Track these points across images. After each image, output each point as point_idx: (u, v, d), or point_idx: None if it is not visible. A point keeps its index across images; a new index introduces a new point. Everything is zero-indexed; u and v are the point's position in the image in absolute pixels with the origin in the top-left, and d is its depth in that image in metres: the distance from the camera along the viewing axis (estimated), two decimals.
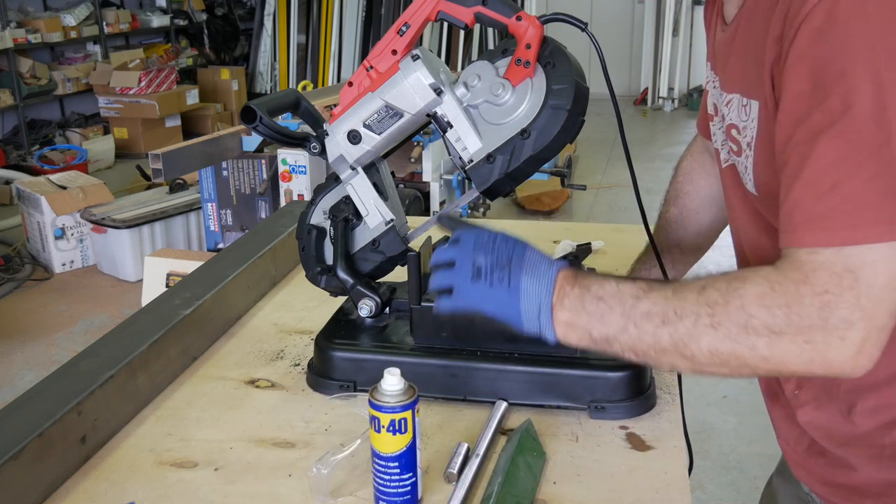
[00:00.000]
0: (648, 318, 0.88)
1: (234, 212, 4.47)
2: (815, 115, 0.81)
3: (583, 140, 6.79)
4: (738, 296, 0.84)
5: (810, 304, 0.80)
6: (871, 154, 0.79)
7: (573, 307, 0.92)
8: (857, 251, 0.79)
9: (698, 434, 3.03)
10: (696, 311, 0.86)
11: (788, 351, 0.82)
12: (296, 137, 1.24)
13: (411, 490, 0.98)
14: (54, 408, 1.08)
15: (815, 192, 0.81)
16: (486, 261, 0.95)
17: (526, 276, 0.94)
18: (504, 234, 0.98)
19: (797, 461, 1.11)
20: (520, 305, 0.94)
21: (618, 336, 0.90)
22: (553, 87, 1.10)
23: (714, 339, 0.85)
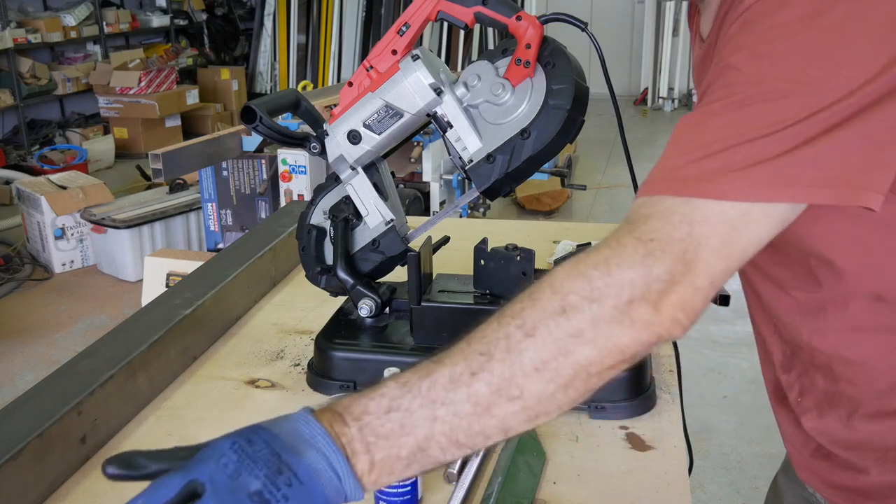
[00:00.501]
0: (455, 384, 0.72)
1: (234, 212, 4.47)
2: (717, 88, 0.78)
3: (583, 140, 6.80)
4: (547, 284, 0.74)
5: (632, 251, 0.72)
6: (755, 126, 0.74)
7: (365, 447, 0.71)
8: (702, 204, 0.72)
9: (698, 434, 3.03)
10: (505, 333, 0.72)
11: (611, 319, 0.71)
12: (296, 137, 1.24)
13: (411, 490, 0.98)
14: (54, 408, 1.08)
15: (684, 148, 0.77)
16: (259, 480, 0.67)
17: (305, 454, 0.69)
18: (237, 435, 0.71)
19: (803, 464, 1.11)
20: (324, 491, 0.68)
21: (430, 434, 0.71)
22: (553, 87, 1.10)
23: (535, 348, 0.71)
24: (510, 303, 0.75)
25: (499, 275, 1.23)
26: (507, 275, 1.22)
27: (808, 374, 1.02)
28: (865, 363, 0.95)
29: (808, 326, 0.99)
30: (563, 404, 0.74)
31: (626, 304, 0.71)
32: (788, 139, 0.73)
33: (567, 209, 5.79)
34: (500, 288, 1.24)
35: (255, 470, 0.68)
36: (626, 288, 0.71)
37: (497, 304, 1.23)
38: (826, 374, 0.99)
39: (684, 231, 0.72)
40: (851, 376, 0.96)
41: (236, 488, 0.67)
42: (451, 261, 1.42)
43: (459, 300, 1.25)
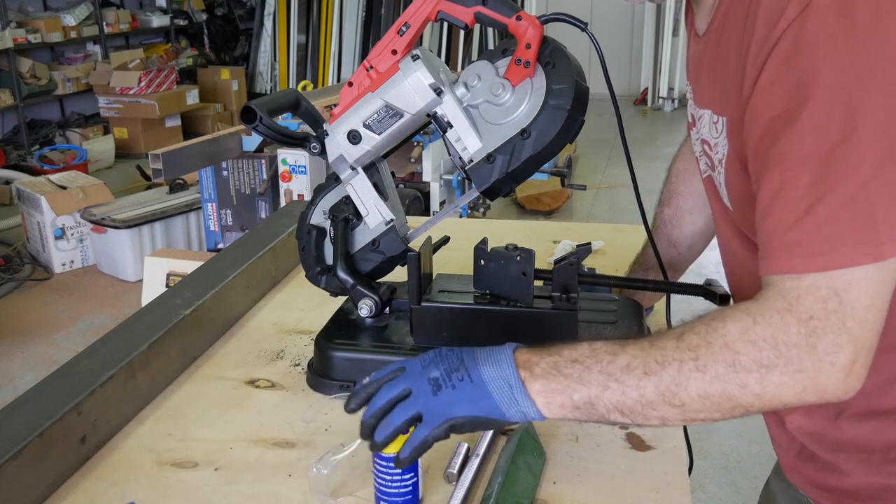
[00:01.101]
0: (629, 372, 0.86)
1: (234, 212, 4.47)
2: (784, 140, 0.80)
3: (583, 140, 6.79)
4: (720, 335, 0.83)
5: (797, 332, 0.79)
6: (843, 177, 0.78)
7: (546, 374, 0.89)
8: (840, 274, 0.78)
9: (698, 434, 3.03)
10: (679, 357, 0.84)
11: (780, 383, 0.80)
12: (296, 137, 1.24)
13: (412, 490, 0.98)
14: (54, 408, 1.08)
15: (790, 217, 0.80)
16: (438, 371, 0.91)
17: (483, 365, 0.90)
18: (445, 347, 0.94)
19: (790, 465, 1.11)
20: (491, 394, 0.89)
21: (600, 395, 0.86)
22: (553, 87, 1.10)
23: (702, 382, 0.82)
24: (690, 328, 0.85)
25: (499, 275, 1.23)
26: (507, 275, 1.22)
27: None
28: None
29: None
30: (718, 419, 0.85)
31: (795, 372, 0.80)
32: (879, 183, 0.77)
33: (567, 209, 5.79)
34: (500, 288, 1.24)
35: (439, 364, 0.92)
36: (795, 361, 0.80)
37: (497, 304, 1.23)
38: None
39: (835, 302, 0.79)
40: None
41: (422, 373, 0.92)
42: (451, 261, 1.42)
43: (459, 300, 1.25)
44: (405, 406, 0.91)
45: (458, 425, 0.90)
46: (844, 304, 0.78)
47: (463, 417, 0.89)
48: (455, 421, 0.89)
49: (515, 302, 1.22)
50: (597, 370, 0.87)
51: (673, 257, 1.41)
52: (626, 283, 1.31)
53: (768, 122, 0.82)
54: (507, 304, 1.22)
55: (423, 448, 0.91)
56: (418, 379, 0.91)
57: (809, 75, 0.79)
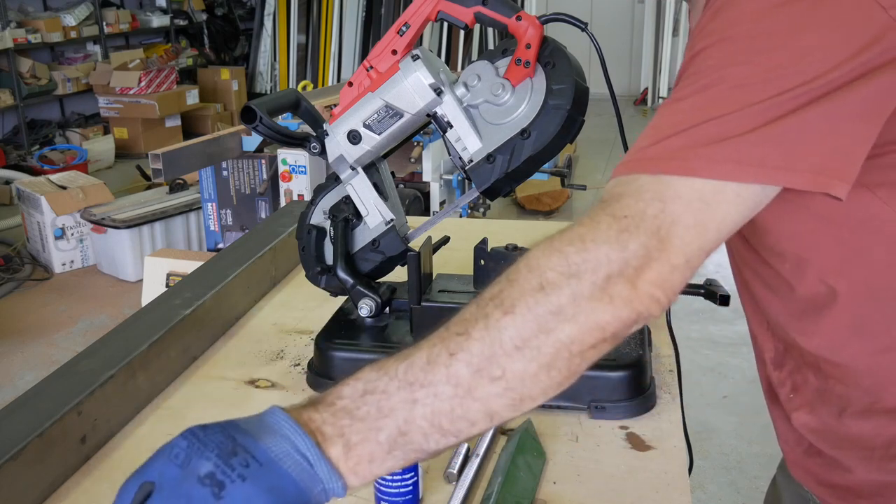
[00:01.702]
0: (433, 364, 0.70)
1: (234, 212, 4.47)
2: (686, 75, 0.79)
3: (583, 140, 6.79)
4: (524, 264, 0.72)
5: (607, 227, 0.71)
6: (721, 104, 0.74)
7: (338, 430, 0.68)
8: (674, 181, 0.72)
9: (698, 434, 3.03)
10: (484, 314, 0.71)
11: (591, 295, 0.69)
12: (296, 137, 1.24)
13: (412, 490, 0.98)
14: (54, 408, 1.08)
15: (654, 130, 0.77)
16: (210, 463, 0.64)
17: (263, 439, 0.66)
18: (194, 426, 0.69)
19: (796, 461, 1.11)
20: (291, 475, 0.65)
21: (411, 417, 0.69)
22: (553, 87, 1.10)
23: (514, 325, 0.69)
24: (487, 287, 0.74)
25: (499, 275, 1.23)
26: None
27: (800, 372, 1.03)
28: (849, 365, 0.95)
29: (793, 327, 0.99)
30: (547, 387, 0.72)
31: (604, 280, 0.70)
32: (753, 118, 0.73)
33: (567, 209, 5.79)
34: None
35: (206, 452, 0.65)
36: (603, 264, 0.70)
37: None
38: (816, 371, 1.00)
39: (657, 208, 0.72)
40: (839, 375, 0.97)
41: (186, 475, 0.64)
42: (451, 261, 1.42)
43: (459, 300, 1.25)
44: None
45: None
46: (666, 213, 0.71)
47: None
48: None
49: None
50: (394, 388, 0.70)
51: None
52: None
53: (681, 66, 0.82)
54: None
55: None
56: (183, 486, 0.64)
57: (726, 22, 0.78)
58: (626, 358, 1.18)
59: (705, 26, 0.80)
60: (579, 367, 0.72)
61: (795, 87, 0.73)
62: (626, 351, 1.20)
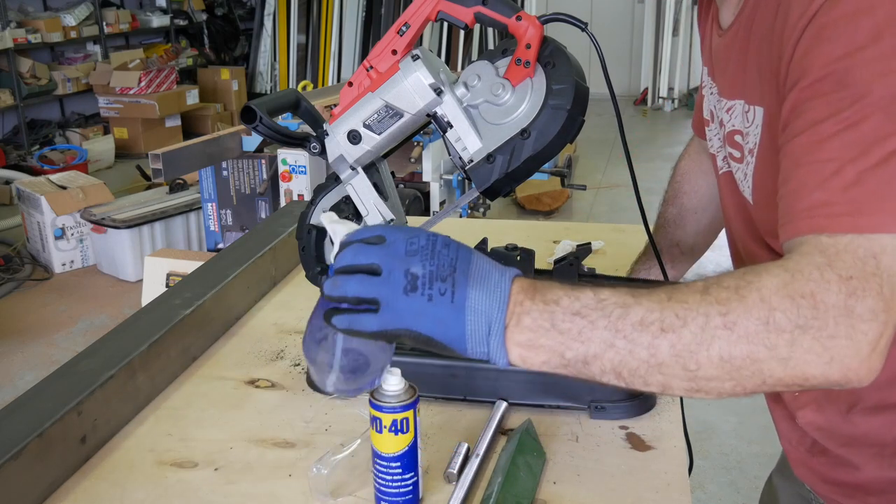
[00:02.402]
0: (644, 328, 0.75)
1: (234, 212, 4.47)
2: (819, 105, 0.79)
3: (583, 140, 6.80)
4: (755, 288, 0.74)
5: (837, 290, 0.72)
6: (875, 142, 0.75)
7: (536, 326, 0.77)
8: (875, 237, 0.74)
9: (698, 434, 3.03)
10: (706, 312, 0.74)
11: (810, 349, 0.72)
12: (296, 137, 1.24)
13: (412, 490, 0.98)
14: (54, 408, 1.08)
15: (818, 177, 0.77)
16: (423, 269, 0.77)
17: (473, 288, 0.77)
18: (443, 237, 0.81)
19: (799, 460, 1.11)
20: (465, 325, 0.77)
21: (600, 354, 0.76)
22: (553, 87, 1.10)
23: (728, 342, 0.73)
24: (716, 282, 0.77)
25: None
26: None
27: None
28: None
29: None
30: (724, 393, 0.77)
31: (827, 338, 0.72)
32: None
33: (567, 209, 5.79)
34: None
35: (429, 261, 0.77)
36: (832, 325, 0.72)
37: None
38: None
39: (872, 265, 0.73)
40: None
41: (403, 260, 0.77)
42: None
43: None
44: (366, 283, 0.78)
45: (411, 338, 0.78)
46: (881, 268, 0.73)
47: (421, 335, 0.77)
48: (411, 334, 0.77)
49: None
50: (602, 325, 0.76)
51: (675, 257, 1.41)
52: (626, 283, 1.31)
53: (798, 94, 0.81)
54: None
55: (361, 335, 0.80)
56: (395, 261, 0.78)
57: (843, 48, 0.78)
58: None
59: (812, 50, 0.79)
60: (761, 392, 0.78)
61: None
62: None
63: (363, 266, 0.79)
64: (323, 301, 0.84)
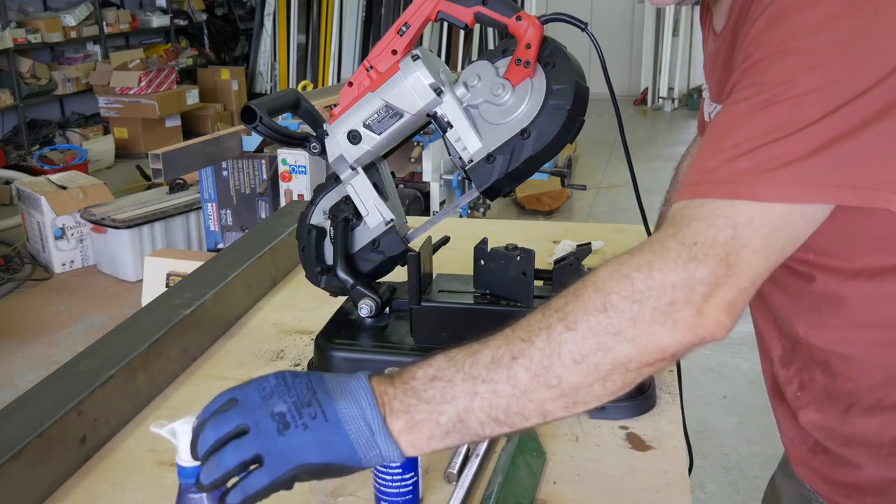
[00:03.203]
0: (496, 365, 0.75)
1: (234, 212, 4.47)
2: (746, 87, 0.79)
3: (583, 140, 6.80)
4: (591, 283, 0.75)
5: (675, 255, 0.73)
6: (780, 126, 0.75)
7: (406, 407, 0.76)
8: (744, 206, 0.74)
9: (698, 434, 3.03)
10: (547, 324, 0.75)
11: (653, 320, 0.72)
12: (296, 137, 1.24)
13: (412, 490, 0.98)
14: (54, 408, 1.08)
15: (716, 150, 0.77)
16: (285, 405, 0.76)
17: (340, 401, 0.76)
18: (288, 371, 0.80)
19: (800, 459, 1.11)
20: (348, 437, 0.75)
21: (470, 407, 0.75)
22: (553, 87, 1.10)
23: (575, 342, 0.74)
24: (556, 296, 0.78)
25: (499, 275, 1.23)
26: (507, 275, 1.22)
27: (808, 369, 1.03)
28: (860, 358, 0.95)
29: (803, 322, 0.99)
30: (601, 395, 0.76)
31: (667, 305, 0.72)
32: (814, 138, 0.74)
33: (567, 209, 5.79)
34: (500, 288, 1.24)
35: (286, 396, 0.77)
36: (668, 291, 0.73)
37: (497, 304, 1.23)
38: (824, 368, 1.00)
39: (728, 234, 0.73)
40: (848, 371, 0.97)
41: (263, 406, 0.76)
42: (451, 261, 1.42)
43: (459, 300, 1.25)
44: (240, 445, 0.76)
45: (306, 473, 0.76)
46: (736, 238, 0.73)
47: (313, 465, 0.75)
48: (303, 468, 0.75)
49: (515, 302, 1.22)
50: (459, 379, 0.76)
51: None
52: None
53: (736, 76, 0.82)
54: (507, 304, 1.22)
55: (258, 497, 0.76)
56: (257, 413, 0.76)
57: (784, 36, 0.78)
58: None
59: (760, 35, 0.80)
60: (635, 380, 0.76)
61: (852, 99, 0.73)
62: None
63: (230, 433, 0.77)
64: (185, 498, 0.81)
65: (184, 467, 0.80)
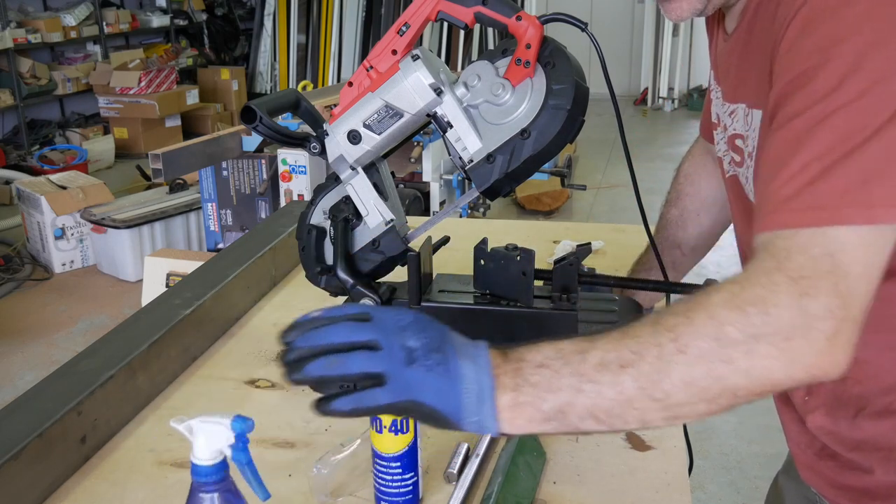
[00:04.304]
0: (604, 368, 0.76)
1: (234, 212, 4.47)
2: (795, 100, 0.79)
3: (583, 140, 6.80)
4: (703, 308, 0.75)
5: (787, 292, 0.72)
6: (843, 138, 0.75)
7: (514, 385, 0.78)
8: (836, 232, 0.73)
9: (698, 434, 3.03)
10: (657, 342, 0.75)
11: (768, 355, 0.73)
12: (296, 137, 1.24)
13: (413, 490, 0.98)
14: (54, 408, 1.08)
15: (787, 173, 0.77)
16: (418, 342, 0.79)
17: (463, 359, 0.79)
18: (422, 315, 0.82)
19: (807, 464, 1.11)
20: (461, 394, 0.78)
21: (573, 401, 0.76)
22: (553, 87, 1.10)
23: (685, 365, 0.74)
24: (667, 311, 0.78)
25: (499, 275, 1.23)
26: (507, 275, 1.22)
27: None
28: (871, 362, 0.95)
29: None
30: (704, 413, 0.77)
31: (783, 342, 0.72)
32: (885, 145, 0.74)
33: (567, 209, 5.79)
34: (500, 288, 1.24)
35: (420, 334, 0.79)
36: (785, 329, 0.72)
37: (497, 304, 1.23)
38: None
39: (828, 264, 0.73)
40: (858, 375, 0.96)
41: (397, 335, 0.78)
42: (451, 261, 1.42)
43: (459, 300, 1.25)
44: (369, 358, 0.78)
45: (416, 411, 0.78)
46: (838, 266, 0.73)
47: (424, 405, 0.77)
48: (416, 405, 0.77)
49: (515, 302, 1.22)
50: (566, 373, 0.77)
51: (676, 258, 1.41)
52: (626, 283, 1.31)
53: (780, 88, 0.81)
54: (507, 304, 1.22)
55: (369, 413, 0.79)
56: (391, 337, 0.79)
57: (823, 41, 0.78)
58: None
59: (797, 42, 0.79)
60: (740, 405, 0.77)
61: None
62: None
63: (360, 342, 0.79)
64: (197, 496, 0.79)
65: (198, 465, 0.79)
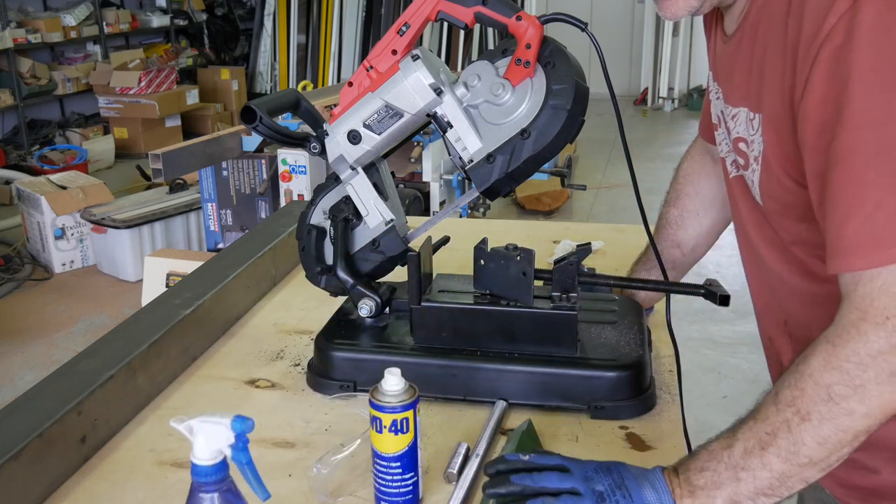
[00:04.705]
0: (749, 455, 0.88)
1: (234, 212, 4.46)
2: (844, 135, 0.80)
3: (583, 140, 6.79)
4: (808, 376, 0.84)
5: (876, 338, 0.80)
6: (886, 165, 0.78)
7: (688, 492, 0.91)
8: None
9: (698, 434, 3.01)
10: (784, 419, 0.86)
11: (880, 393, 0.81)
12: (296, 137, 1.24)
13: (412, 490, 0.98)
14: (54, 408, 1.08)
15: (859, 213, 0.80)
16: (604, 486, 0.93)
17: (644, 489, 0.92)
18: (603, 462, 0.96)
19: None
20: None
21: (737, 489, 0.89)
22: (553, 87, 1.10)
23: (814, 430, 0.84)
24: (781, 384, 0.88)
25: (499, 275, 1.23)
26: (507, 275, 1.22)
27: None
28: None
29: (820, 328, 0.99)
30: (850, 452, 0.86)
31: (888, 376, 0.80)
32: None
33: (567, 209, 5.79)
34: (500, 288, 1.24)
35: (605, 478, 0.93)
36: (884, 364, 0.80)
37: (497, 304, 1.23)
38: None
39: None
40: None
41: (587, 481, 0.93)
42: (451, 261, 1.42)
43: (459, 300, 1.25)
44: (575, 500, 0.92)
45: None
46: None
47: None
48: None
49: (515, 302, 1.22)
50: (722, 469, 0.89)
51: (676, 258, 1.41)
52: (626, 283, 1.31)
53: (825, 119, 0.83)
54: (507, 304, 1.22)
55: None
56: (585, 485, 0.93)
57: (863, 69, 0.79)
58: (626, 358, 1.18)
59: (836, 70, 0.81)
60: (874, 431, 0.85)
61: None
62: (626, 351, 1.20)
63: (567, 489, 0.93)
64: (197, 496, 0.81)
65: (198, 465, 0.79)
